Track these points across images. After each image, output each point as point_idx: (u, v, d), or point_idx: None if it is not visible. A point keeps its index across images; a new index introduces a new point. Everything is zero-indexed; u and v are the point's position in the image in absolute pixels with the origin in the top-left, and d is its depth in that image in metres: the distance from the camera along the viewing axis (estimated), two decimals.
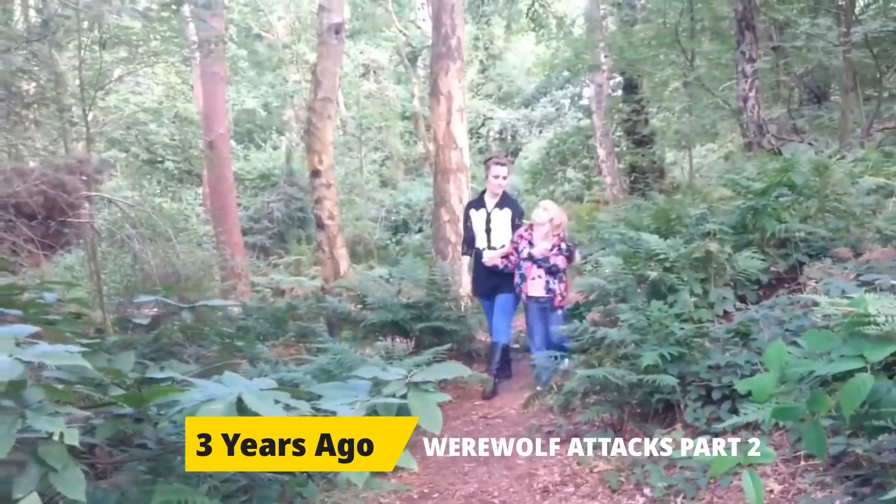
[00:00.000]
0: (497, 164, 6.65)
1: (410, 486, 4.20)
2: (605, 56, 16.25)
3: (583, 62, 16.34)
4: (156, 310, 6.34)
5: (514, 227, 6.55)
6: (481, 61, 31.62)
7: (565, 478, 4.01)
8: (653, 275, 5.25)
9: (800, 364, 1.97)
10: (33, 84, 8.89)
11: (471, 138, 29.30)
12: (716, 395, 4.08)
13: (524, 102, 29.88)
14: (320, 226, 10.25)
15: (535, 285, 6.19)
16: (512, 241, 6.47)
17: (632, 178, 17.59)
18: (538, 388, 5.59)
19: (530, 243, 6.23)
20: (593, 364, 4.76)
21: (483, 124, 29.86)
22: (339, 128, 25.08)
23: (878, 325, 1.93)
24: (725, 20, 12.27)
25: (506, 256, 6.53)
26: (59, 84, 9.17)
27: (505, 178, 6.67)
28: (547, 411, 5.25)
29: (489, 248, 6.59)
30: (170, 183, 24.30)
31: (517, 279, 6.29)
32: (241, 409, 2.44)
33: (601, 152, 17.20)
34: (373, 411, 2.75)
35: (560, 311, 6.19)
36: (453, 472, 4.48)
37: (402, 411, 2.79)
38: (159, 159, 23.92)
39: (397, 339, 6.81)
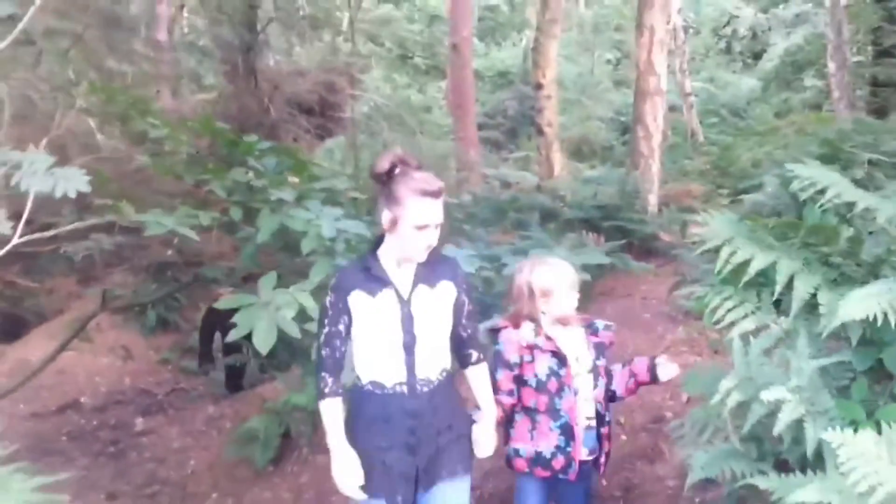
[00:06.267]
0: (427, 195, 2.43)
1: None
2: None
3: None
4: None
5: (463, 319, 2.67)
6: None
7: (688, 340, 5.45)
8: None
9: None
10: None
11: (713, 37, 28.74)
12: None
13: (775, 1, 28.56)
14: (539, 132, 11.79)
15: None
16: (508, 365, 2.92)
17: (871, 92, 17.02)
18: None
19: (557, 358, 2.90)
20: None
21: (728, 23, 29.00)
22: (578, 25, 25.84)
23: None
24: None
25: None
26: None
27: (438, 225, 2.49)
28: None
29: (412, 380, 2.53)
30: (418, 76, 26.59)
31: (550, 441, 2.90)
32: None
33: (831, 65, 16.86)
34: None
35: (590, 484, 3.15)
36: None
37: None
38: (409, 55, 26.32)
39: (591, 234, 8.22)
